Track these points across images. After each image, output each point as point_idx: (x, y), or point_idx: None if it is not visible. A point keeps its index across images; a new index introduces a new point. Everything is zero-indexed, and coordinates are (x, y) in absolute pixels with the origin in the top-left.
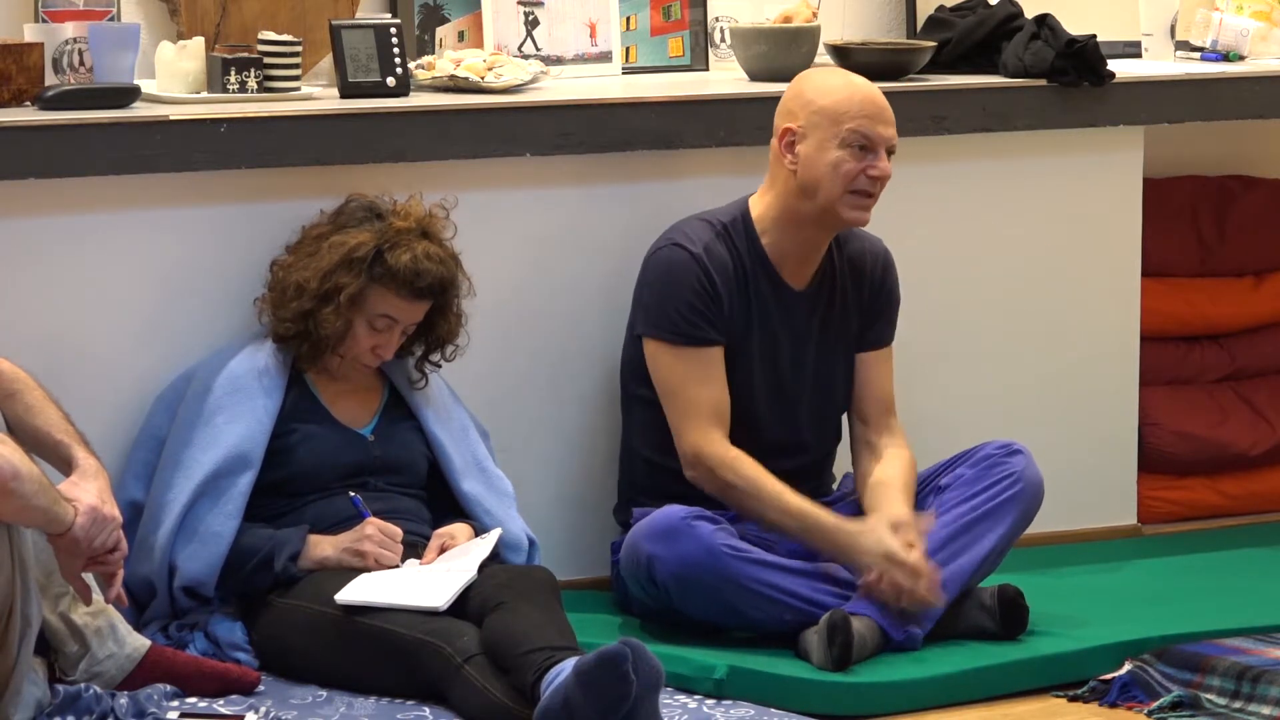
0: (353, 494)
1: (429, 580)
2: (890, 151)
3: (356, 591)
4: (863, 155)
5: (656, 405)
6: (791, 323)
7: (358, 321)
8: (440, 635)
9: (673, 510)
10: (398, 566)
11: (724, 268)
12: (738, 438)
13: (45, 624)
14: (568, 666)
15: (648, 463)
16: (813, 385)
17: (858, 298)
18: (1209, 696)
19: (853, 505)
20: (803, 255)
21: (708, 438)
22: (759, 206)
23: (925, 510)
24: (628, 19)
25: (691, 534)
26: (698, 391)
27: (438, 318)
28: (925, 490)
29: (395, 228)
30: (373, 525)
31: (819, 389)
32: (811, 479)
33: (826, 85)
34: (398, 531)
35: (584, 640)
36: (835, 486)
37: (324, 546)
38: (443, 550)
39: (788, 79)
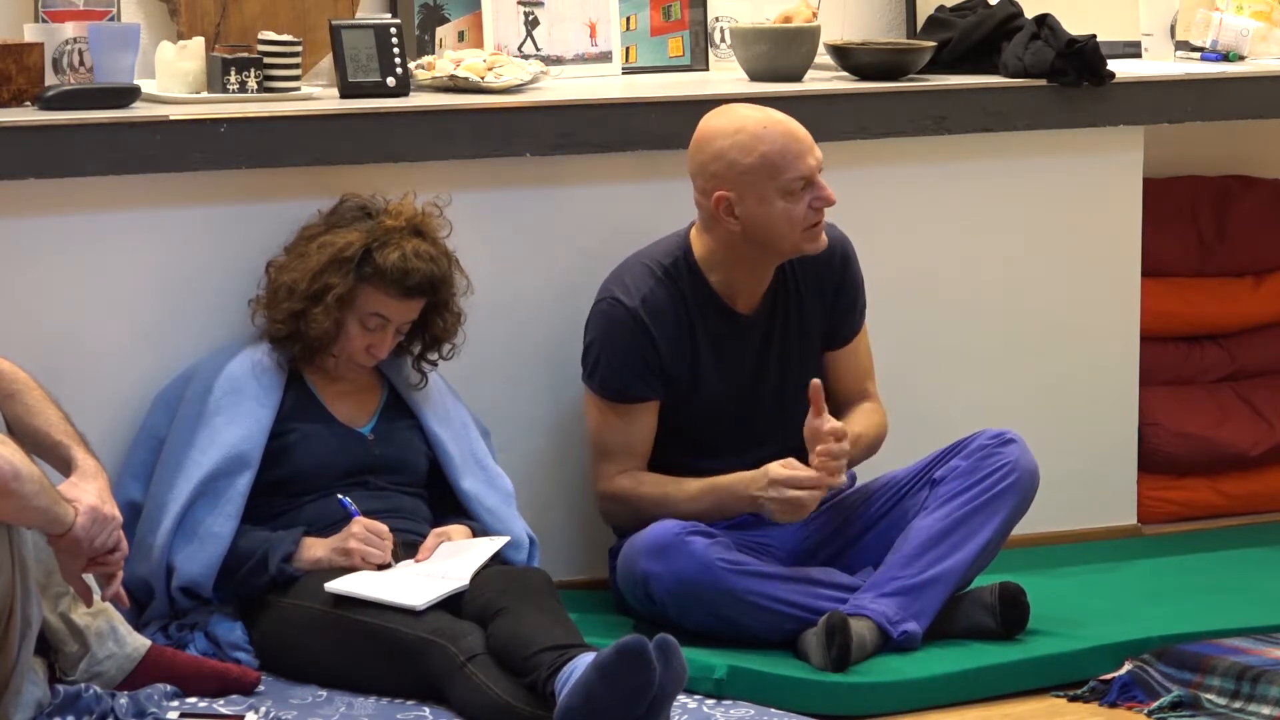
0: (341, 496)
1: (418, 581)
2: (820, 168)
3: (346, 582)
4: (805, 193)
5: None
6: (747, 347)
7: (349, 321)
8: (444, 634)
9: (667, 526)
10: (388, 564)
11: (664, 315)
12: (705, 465)
13: (45, 624)
14: (581, 663)
15: None
16: (775, 401)
17: (820, 300)
18: (1209, 696)
19: (839, 510)
20: (755, 285)
21: (608, 478)
22: (700, 246)
23: (923, 507)
24: (628, 19)
25: (686, 550)
26: (613, 439)
27: (434, 316)
28: (920, 483)
29: (385, 226)
30: (359, 524)
31: (783, 404)
32: None
33: (741, 140)
34: (384, 529)
35: (586, 641)
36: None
37: (317, 548)
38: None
39: (788, 79)
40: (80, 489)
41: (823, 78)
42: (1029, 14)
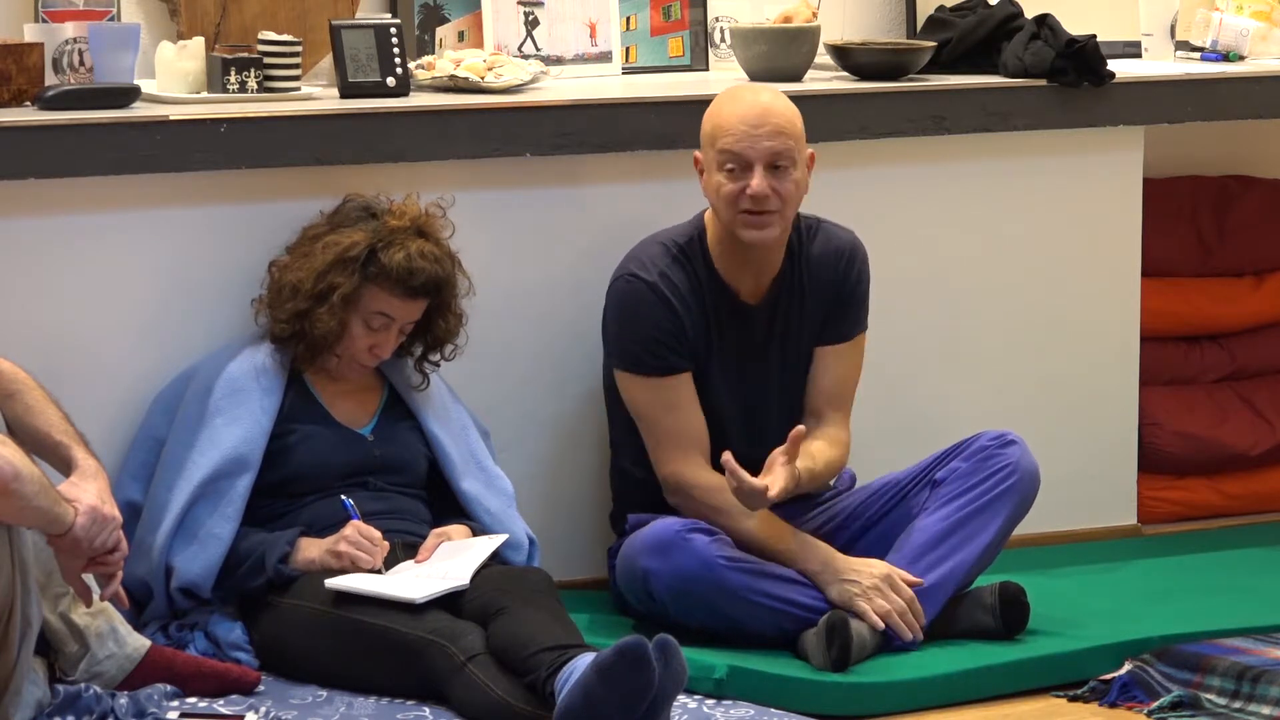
0: (344, 497)
1: (418, 579)
2: (776, 166)
3: (346, 579)
4: (737, 176)
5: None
6: (750, 338)
7: (353, 321)
8: (444, 635)
9: (668, 523)
10: (379, 570)
11: (681, 291)
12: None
13: (45, 624)
14: (580, 664)
15: (635, 477)
16: (779, 397)
17: (822, 298)
18: (1209, 696)
19: (839, 510)
20: (753, 270)
21: (688, 465)
22: (710, 229)
23: (924, 508)
24: (628, 19)
25: (687, 547)
26: (671, 419)
27: (436, 317)
28: (920, 484)
29: (390, 226)
30: (351, 527)
31: (785, 399)
32: None
33: (713, 108)
34: (376, 534)
35: (586, 641)
36: (832, 483)
37: (311, 549)
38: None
39: (788, 79)
40: (80, 489)
41: (823, 78)
42: (1029, 14)
